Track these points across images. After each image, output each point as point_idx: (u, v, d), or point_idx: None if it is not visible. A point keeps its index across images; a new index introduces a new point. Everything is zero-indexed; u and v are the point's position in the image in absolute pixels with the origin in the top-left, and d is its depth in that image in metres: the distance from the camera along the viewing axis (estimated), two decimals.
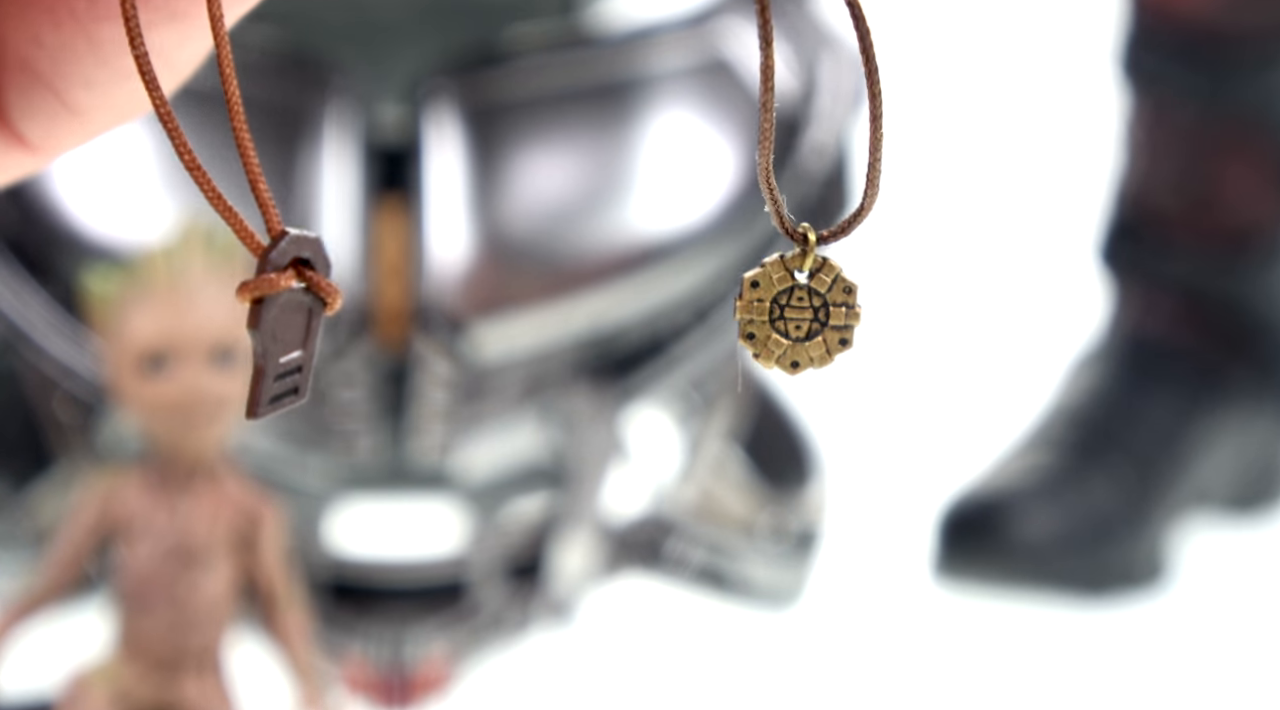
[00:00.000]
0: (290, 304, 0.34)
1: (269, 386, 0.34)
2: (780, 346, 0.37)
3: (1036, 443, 1.25)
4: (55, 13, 0.35)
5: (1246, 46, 1.22)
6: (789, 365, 0.37)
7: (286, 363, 0.34)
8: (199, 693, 0.83)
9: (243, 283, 0.34)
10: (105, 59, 0.35)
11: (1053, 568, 1.19)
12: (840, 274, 0.37)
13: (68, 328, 0.98)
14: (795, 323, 0.37)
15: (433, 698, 1.01)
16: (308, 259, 0.34)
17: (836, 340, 0.37)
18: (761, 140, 0.35)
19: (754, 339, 0.37)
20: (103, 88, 0.36)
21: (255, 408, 0.34)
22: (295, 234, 0.34)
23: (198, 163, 0.34)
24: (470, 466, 1.02)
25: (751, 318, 0.37)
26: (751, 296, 0.37)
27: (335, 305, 0.35)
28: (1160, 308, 1.29)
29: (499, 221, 0.99)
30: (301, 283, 0.34)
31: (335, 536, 1.03)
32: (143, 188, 0.98)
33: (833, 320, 0.37)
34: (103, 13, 0.34)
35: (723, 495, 1.08)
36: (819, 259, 0.37)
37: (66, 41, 0.35)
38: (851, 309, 0.37)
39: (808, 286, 0.37)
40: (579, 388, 1.01)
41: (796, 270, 0.37)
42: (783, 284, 0.37)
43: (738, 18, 1.05)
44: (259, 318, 0.34)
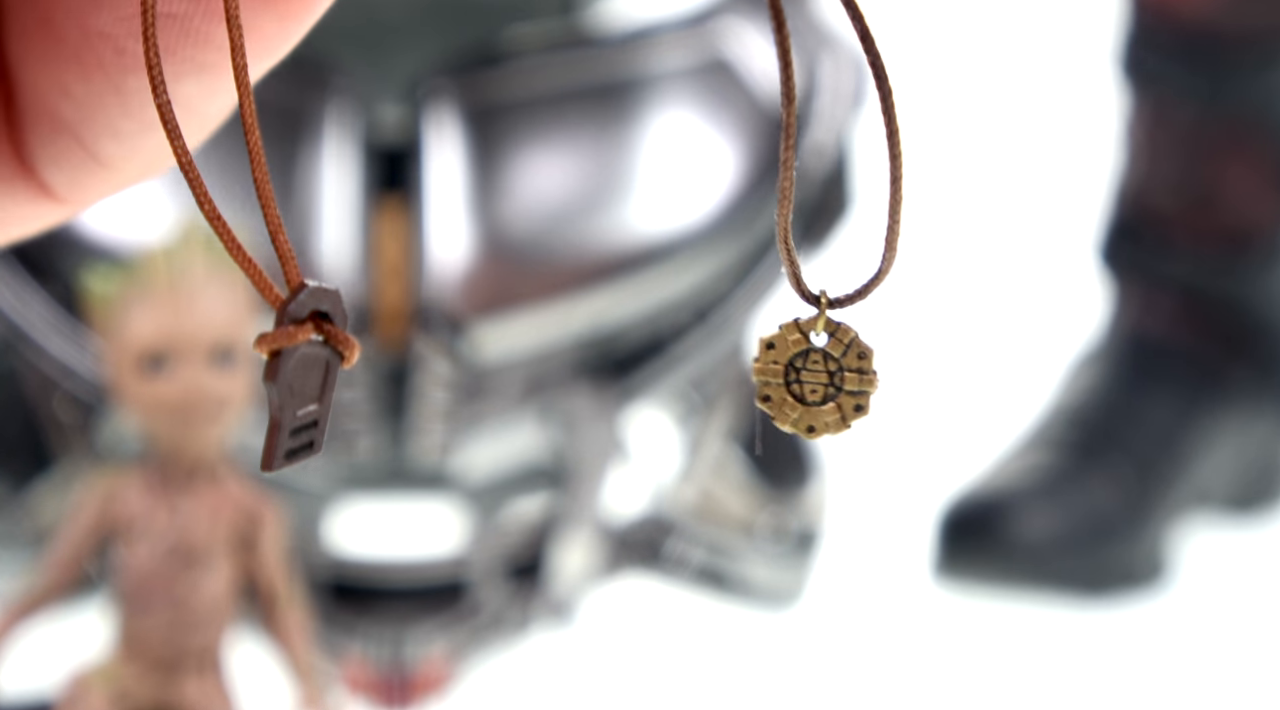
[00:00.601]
0: (308, 357, 0.34)
1: (284, 440, 0.34)
2: (795, 410, 0.37)
3: (1036, 443, 1.25)
4: (83, 63, 0.34)
5: (1246, 46, 1.22)
6: (805, 429, 0.37)
7: (303, 416, 0.34)
8: (199, 693, 0.83)
9: (260, 335, 0.33)
10: (132, 110, 0.35)
11: (1053, 568, 1.19)
12: (855, 338, 0.37)
13: (68, 328, 0.98)
14: (810, 386, 0.37)
15: (433, 698, 1.01)
16: (326, 312, 0.34)
17: (852, 406, 0.37)
18: (781, 200, 0.35)
19: (769, 401, 0.37)
20: (130, 139, 0.36)
21: (270, 462, 0.34)
22: (314, 286, 0.34)
23: (218, 213, 0.34)
24: (470, 466, 1.02)
25: (767, 380, 0.37)
26: (767, 358, 0.37)
27: (353, 359, 0.34)
28: (1160, 308, 1.29)
29: (499, 221, 0.99)
30: (319, 336, 0.34)
31: (335, 536, 1.03)
32: (143, 188, 0.98)
33: (847, 385, 0.37)
34: (130, 63, 0.34)
35: (723, 495, 1.08)
36: (833, 323, 0.37)
37: (94, 92, 0.35)
38: (866, 375, 0.37)
39: (823, 350, 0.37)
40: (579, 388, 1.01)
41: (811, 333, 0.37)
42: (797, 347, 0.37)
43: (738, 18, 1.05)
44: (276, 371, 0.34)
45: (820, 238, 1.06)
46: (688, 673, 1.09)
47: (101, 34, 0.34)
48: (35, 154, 0.36)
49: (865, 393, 0.37)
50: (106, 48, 0.34)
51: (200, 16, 0.33)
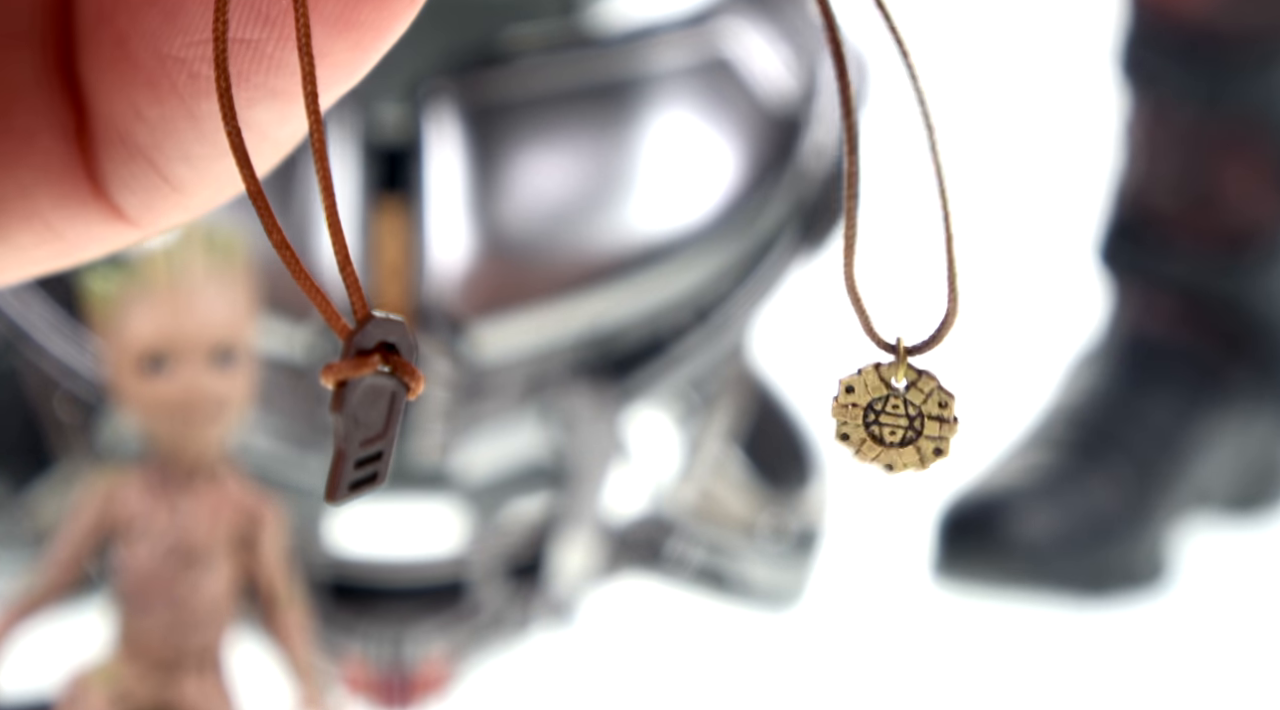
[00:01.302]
0: (374, 388, 0.34)
1: (349, 472, 0.34)
2: (874, 450, 0.37)
3: (1036, 443, 1.25)
4: (156, 87, 0.35)
5: (1246, 46, 1.22)
6: (885, 467, 0.37)
7: (367, 447, 0.34)
8: (199, 693, 0.83)
9: (327, 365, 0.34)
10: (205, 134, 0.35)
11: (1053, 568, 1.19)
12: (937, 386, 0.37)
13: (68, 328, 0.98)
14: (890, 428, 0.37)
15: (433, 698, 1.01)
16: (393, 343, 0.34)
17: (931, 449, 0.37)
18: (845, 250, 0.35)
19: (848, 439, 0.37)
20: (203, 163, 0.36)
21: (335, 493, 0.34)
22: (381, 317, 0.34)
23: (286, 241, 0.34)
24: (470, 466, 1.02)
25: (846, 420, 0.37)
26: (846, 400, 0.37)
27: (418, 390, 0.35)
28: (1160, 308, 1.29)
29: (499, 221, 0.99)
30: (386, 366, 0.34)
31: (335, 536, 1.03)
32: None
33: (927, 431, 0.37)
34: (204, 88, 0.34)
35: (723, 495, 1.08)
36: (915, 371, 0.37)
37: (167, 116, 0.35)
38: (946, 422, 0.37)
39: (904, 396, 0.37)
40: (579, 388, 1.01)
41: (892, 379, 0.37)
42: (877, 392, 0.37)
43: (738, 18, 1.05)
44: (342, 401, 0.34)
45: (820, 238, 1.06)
46: (688, 673, 1.09)
47: (176, 58, 0.34)
48: (108, 177, 0.36)
49: (945, 438, 0.37)
50: (180, 72, 0.34)
51: (273, 43, 0.34)
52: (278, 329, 0.96)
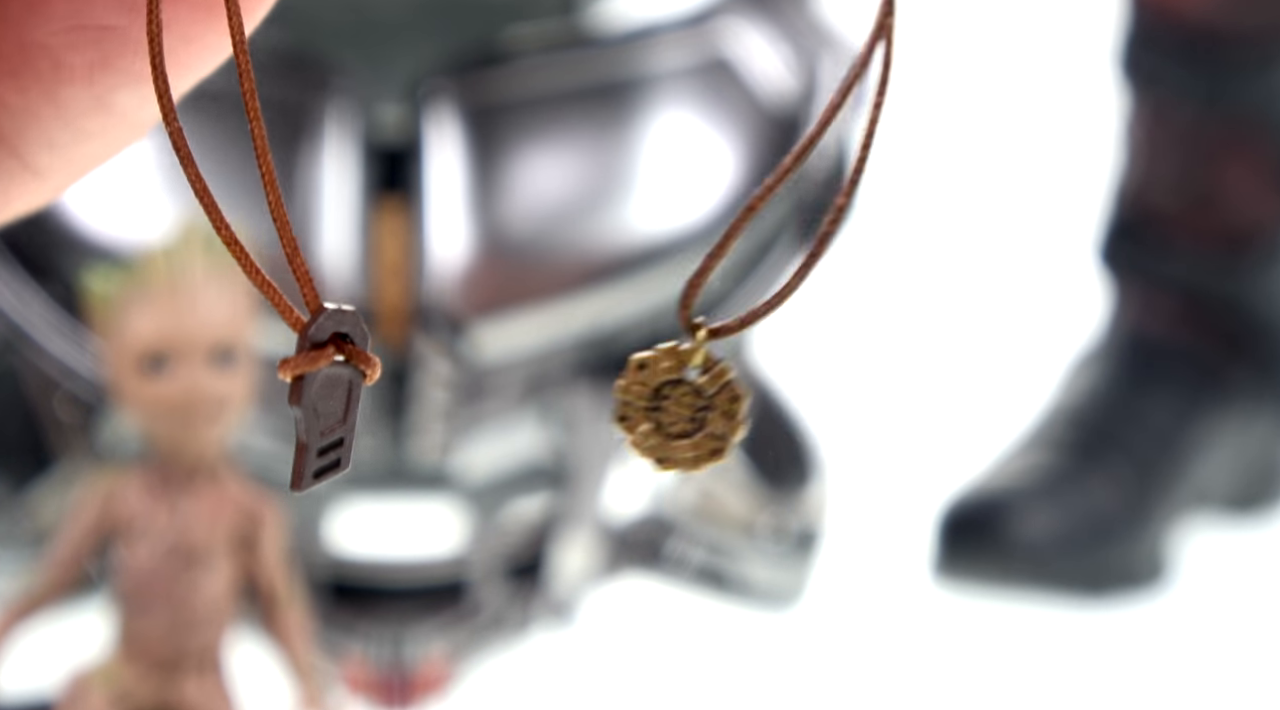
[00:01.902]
0: (331, 378, 0.34)
1: (312, 461, 0.34)
2: (651, 438, 0.35)
3: (1036, 443, 1.25)
4: (19, 76, 0.35)
5: (1246, 47, 1.22)
6: (656, 460, 0.35)
7: (328, 435, 0.34)
8: (199, 693, 0.83)
9: (283, 360, 0.34)
10: (69, 121, 0.35)
11: (1053, 568, 1.19)
12: (730, 381, 0.35)
13: (68, 328, 0.98)
14: (673, 418, 0.35)
15: (433, 698, 1.01)
16: (346, 333, 0.34)
17: (709, 448, 0.35)
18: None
19: (626, 421, 0.35)
20: (64, 148, 0.36)
21: (299, 482, 0.34)
22: (333, 309, 0.34)
23: (235, 238, 0.35)
24: (470, 466, 1.02)
25: (629, 400, 0.35)
26: (634, 379, 0.35)
27: (374, 377, 0.35)
28: (1160, 308, 1.29)
29: (499, 221, 0.99)
30: (341, 356, 0.34)
31: (335, 536, 1.03)
32: (143, 188, 0.98)
33: (711, 425, 0.35)
34: (67, 76, 0.34)
35: (723, 495, 1.08)
36: (713, 359, 0.35)
37: (30, 104, 0.35)
38: (733, 419, 0.35)
39: (694, 384, 0.35)
40: (579, 388, 1.01)
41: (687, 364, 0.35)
42: (668, 374, 0.35)
43: (738, 18, 1.05)
44: (300, 394, 0.34)
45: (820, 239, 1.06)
46: (688, 673, 1.09)
47: (39, 46, 0.34)
48: None
49: (726, 437, 0.35)
50: (44, 60, 0.34)
51: (138, 28, 0.34)
52: (278, 329, 0.96)
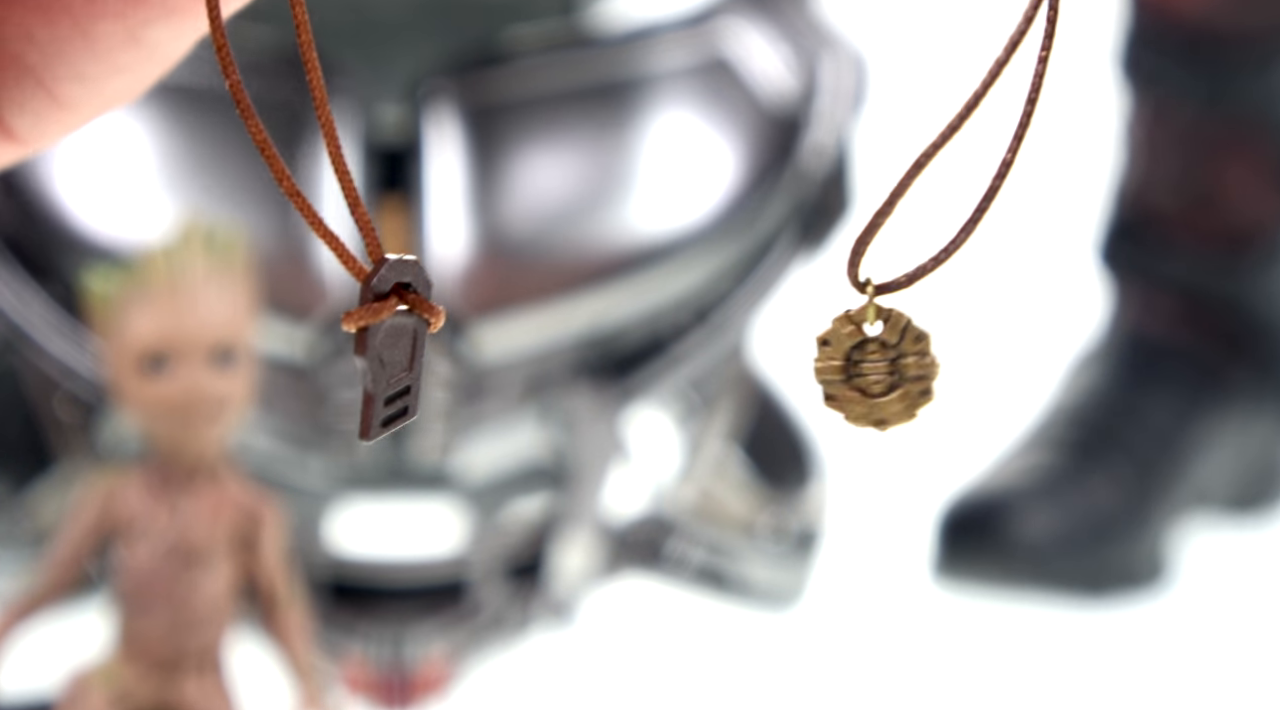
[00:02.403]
0: (395, 328, 0.35)
1: (379, 411, 0.35)
2: (861, 405, 0.35)
3: (1036, 443, 1.25)
4: (50, 10, 0.35)
5: (1246, 47, 1.22)
6: (874, 423, 0.36)
7: (394, 385, 0.35)
8: (199, 693, 0.83)
9: (347, 313, 0.34)
10: (100, 54, 0.35)
11: (1053, 568, 1.19)
12: (909, 323, 0.35)
13: (68, 328, 0.98)
14: (873, 378, 0.35)
15: (433, 698, 1.01)
16: (408, 282, 0.35)
17: (917, 393, 0.36)
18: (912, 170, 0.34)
19: (835, 400, 0.35)
20: (94, 81, 0.36)
21: (367, 431, 0.35)
22: (394, 259, 0.35)
23: (296, 189, 0.35)
24: (470, 466, 1.02)
25: (828, 378, 0.35)
26: (825, 355, 0.35)
27: (438, 324, 0.35)
28: (1160, 308, 1.29)
29: (499, 221, 0.99)
30: (404, 305, 0.35)
31: (335, 536, 1.03)
32: (143, 188, 0.98)
33: (909, 372, 0.36)
34: (99, 10, 0.35)
35: (723, 495, 1.08)
36: (884, 309, 0.35)
37: (61, 37, 0.35)
38: (925, 358, 0.36)
39: (879, 339, 0.35)
40: (579, 388, 1.01)
41: (864, 323, 0.35)
42: (853, 339, 0.35)
43: (738, 18, 1.05)
44: (365, 345, 0.34)
45: (820, 239, 1.06)
46: (688, 673, 1.09)
47: None
48: None
49: (927, 377, 0.36)
50: None
51: None
52: (278, 329, 0.96)
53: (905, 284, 0.35)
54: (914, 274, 0.35)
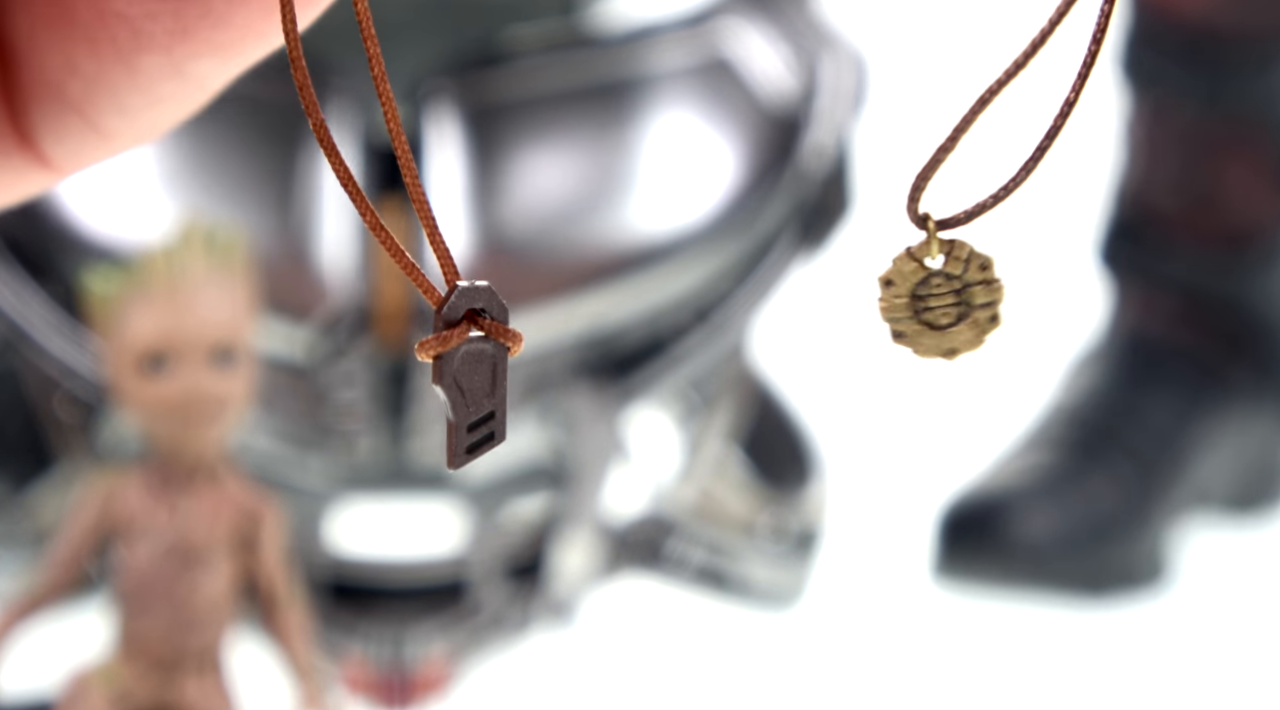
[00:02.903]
0: (472, 354, 0.35)
1: (463, 438, 0.35)
2: (931, 338, 0.36)
3: (1036, 443, 1.25)
4: (95, 41, 0.35)
5: (1246, 47, 1.22)
6: (944, 353, 0.36)
7: (475, 411, 0.35)
8: (199, 693, 0.83)
9: (420, 342, 0.35)
10: (143, 86, 0.35)
11: (1053, 568, 1.19)
12: (972, 251, 0.36)
13: (68, 328, 0.98)
14: (940, 311, 0.36)
15: (433, 698, 1.01)
16: (482, 309, 0.35)
17: (986, 318, 0.36)
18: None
19: (904, 336, 0.36)
20: (136, 113, 0.36)
21: (453, 459, 0.35)
22: (466, 286, 0.35)
23: (380, 222, 0.35)
24: (470, 466, 1.01)
25: (896, 316, 0.36)
26: (889, 295, 0.36)
27: (518, 349, 0.36)
28: (1160, 308, 1.29)
29: (499, 221, 0.99)
30: (480, 332, 0.35)
31: (335, 536, 1.03)
32: (143, 188, 0.98)
33: (977, 300, 0.36)
34: (145, 43, 0.35)
35: (723, 495, 1.08)
36: (946, 242, 0.36)
37: (105, 70, 0.35)
38: (991, 284, 0.36)
39: (943, 272, 0.36)
40: (579, 388, 1.01)
41: (926, 258, 0.36)
42: (916, 275, 0.36)
43: (738, 18, 1.05)
44: (440, 373, 0.35)
45: (820, 239, 1.06)
46: (688, 673, 1.09)
47: (118, 15, 0.34)
48: (36, 126, 0.36)
49: (994, 302, 0.36)
50: (122, 28, 0.34)
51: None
52: (278, 329, 0.96)
53: (965, 220, 0.36)
54: (974, 210, 0.35)
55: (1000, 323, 0.36)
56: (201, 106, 0.37)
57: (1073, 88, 0.35)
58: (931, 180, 0.36)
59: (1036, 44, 0.36)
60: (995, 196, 0.36)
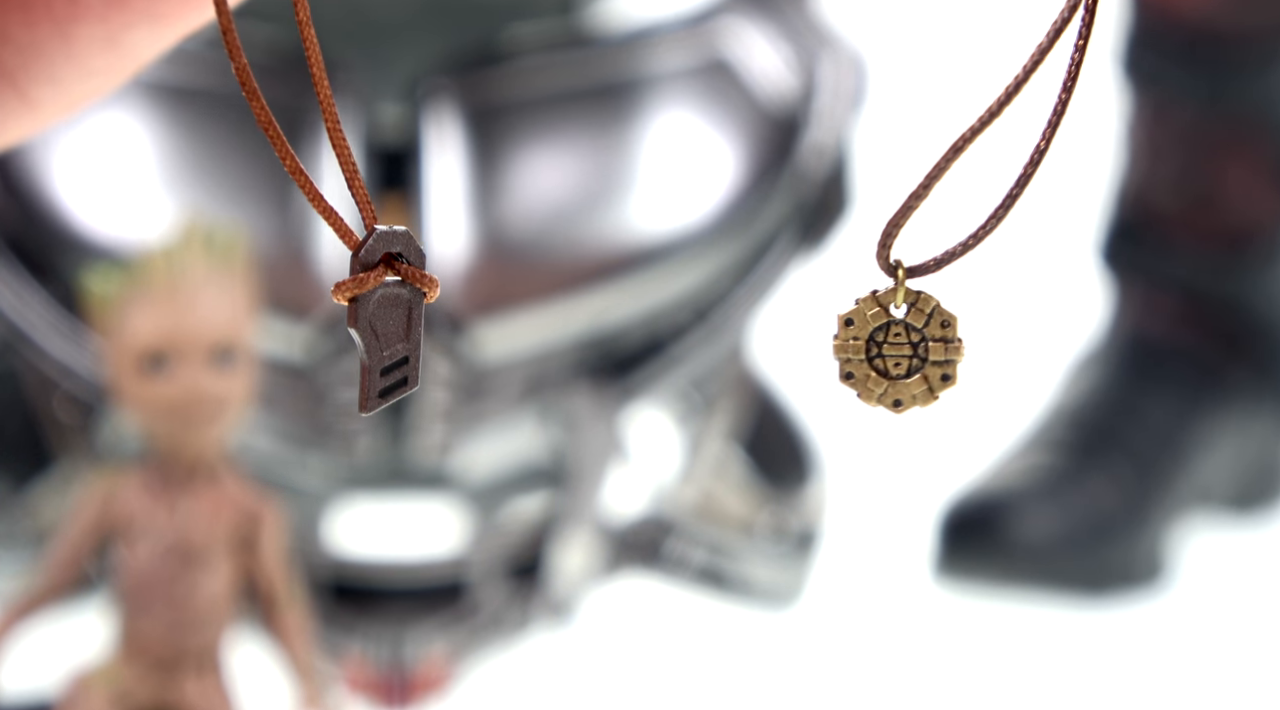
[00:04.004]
0: (388, 298, 0.35)
1: (376, 381, 0.35)
2: (880, 385, 0.35)
3: (1036, 443, 1.25)
4: (30, 11, 0.35)
5: (1246, 46, 1.22)
6: (891, 404, 0.36)
7: (391, 356, 0.35)
8: (199, 693, 0.83)
9: (337, 284, 0.35)
10: (76, 57, 0.35)
11: (1053, 568, 1.19)
12: (937, 306, 0.36)
13: (68, 328, 0.98)
14: (894, 360, 0.35)
15: (433, 698, 1.01)
16: (399, 253, 0.35)
17: (938, 376, 0.36)
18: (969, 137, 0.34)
19: (852, 378, 0.36)
20: (66, 84, 0.36)
21: (365, 403, 0.35)
22: (383, 230, 0.35)
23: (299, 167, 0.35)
24: (470, 466, 1.02)
25: (848, 356, 0.36)
26: (846, 335, 0.35)
27: (434, 294, 0.36)
28: (1160, 308, 1.29)
29: (499, 221, 0.99)
30: (395, 276, 0.35)
31: (335, 536, 1.03)
32: (143, 188, 0.98)
33: (933, 356, 0.36)
34: (82, 13, 0.35)
35: (723, 495, 1.08)
36: (913, 293, 0.36)
37: (39, 40, 0.35)
38: (951, 343, 0.36)
39: (904, 322, 0.36)
40: (579, 388, 1.01)
41: (891, 305, 0.36)
42: (877, 320, 0.36)
43: (738, 18, 1.05)
44: (355, 315, 0.35)
45: (819, 239, 1.06)
46: (688, 673, 1.09)
47: None
48: None
49: (952, 361, 0.36)
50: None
51: None
52: (278, 329, 0.96)
53: (935, 267, 0.35)
54: (943, 258, 0.35)
55: (954, 383, 0.35)
56: (125, 83, 0.37)
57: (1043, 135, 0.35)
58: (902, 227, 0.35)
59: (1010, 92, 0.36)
60: (965, 244, 0.35)
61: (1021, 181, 0.36)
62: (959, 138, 0.35)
